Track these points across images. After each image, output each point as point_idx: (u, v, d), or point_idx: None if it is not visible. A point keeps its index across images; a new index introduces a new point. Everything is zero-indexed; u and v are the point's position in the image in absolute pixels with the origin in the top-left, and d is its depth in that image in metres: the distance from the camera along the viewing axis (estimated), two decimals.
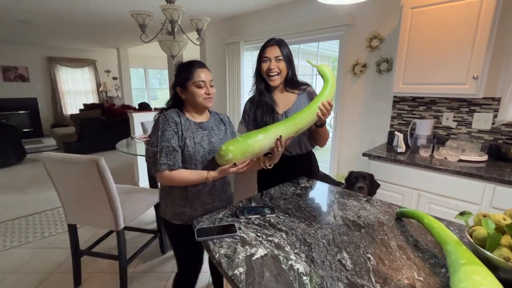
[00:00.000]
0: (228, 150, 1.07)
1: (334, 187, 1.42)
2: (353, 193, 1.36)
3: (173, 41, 2.30)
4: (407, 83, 2.12)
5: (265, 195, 1.32)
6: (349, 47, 2.70)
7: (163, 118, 1.14)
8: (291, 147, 1.49)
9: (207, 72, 1.19)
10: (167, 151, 1.11)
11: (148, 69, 8.65)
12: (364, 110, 2.67)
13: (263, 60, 1.37)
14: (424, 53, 2.01)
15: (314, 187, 1.43)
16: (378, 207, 1.21)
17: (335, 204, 1.23)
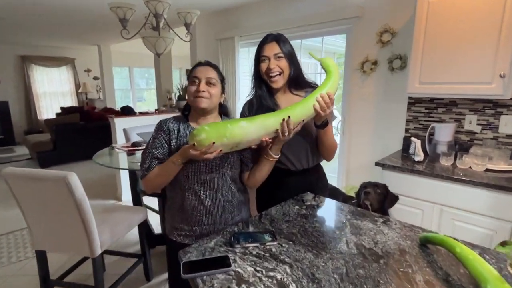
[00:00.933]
0: (202, 130, 1.02)
1: (344, 206, 1.35)
2: (367, 212, 1.29)
3: (158, 38, 2.25)
4: (424, 82, 2.06)
5: (264, 216, 1.25)
6: (357, 42, 2.65)
7: (158, 125, 1.21)
8: (295, 160, 1.42)
9: (208, 69, 1.18)
10: (151, 159, 1.17)
11: (133, 68, 8.62)
12: (375, 112, 2.62)
13: (261, 59, 1.32)
14: (442, 48, 1.96)
15: (321, 206, 1.36)
16: (398, 230, 1.13)
17: (347, 227, 1.15)
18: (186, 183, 1.19)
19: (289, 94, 1.40)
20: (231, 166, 1.24)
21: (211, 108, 1.20)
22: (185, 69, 9.41)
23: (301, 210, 1.30)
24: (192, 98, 1.17)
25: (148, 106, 9.28)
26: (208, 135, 1.02)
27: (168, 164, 1.13)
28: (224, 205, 1.24)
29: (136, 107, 8.42)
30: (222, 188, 1.23)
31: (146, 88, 9.55)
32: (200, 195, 1.19)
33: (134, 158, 2.37)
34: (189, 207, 1.21)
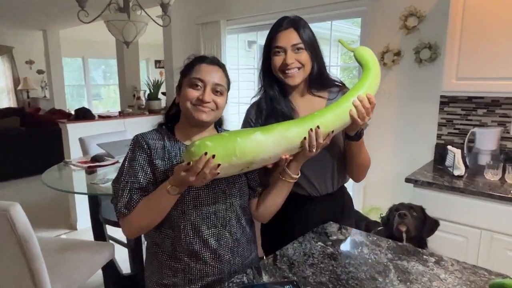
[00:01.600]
0: (203, 146, 0.91)
1: (381, 240, 1.28)
2: (412, 248, 1.22)
3: (126, 22, 2.14)
4: (463, 78, 2.04)
5: (280, 259, 1.15)
6: (375, 28, 2.62)
7: (134, 141, 1.10)
8: (318, 182, 1.35)
9: (216, 71, 1.10)
10: (129, 190, 1.05)
11: (88, 59, 8.43)
12: (399, 115, 2.59)
13: (274, 52, 1.25)
14: (485, 37, 1.94)
15: (350, 240, 1.29)
16: (457, 273, 1.06)
17: (391, 272, 1.07)
18: (182, 221, 1.07)
19: (309, 96, 1.33)
20: (239, 193, 1.14)
21: (213, 122, 1.14)
22: (154, 60, 9.27)
23: (326, 248, 1.22)
24: (190, 106, 1.07)
25: (106, 106, 9.09)
26: (212, 152, 0.92)
27: (160, 194, 1.00)
28: (233, 246, 1.14)
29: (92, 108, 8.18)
30: (230, 223, 1.13)
31: (104, 84, 9.36)
32: (202, 234, 1.08)
33: (95, 177, 2.24)
34: (186, 254, 1.09)
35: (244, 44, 4.24)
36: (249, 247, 1.21)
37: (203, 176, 0.90)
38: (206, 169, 0.89)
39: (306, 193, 1.35)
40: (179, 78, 1.14)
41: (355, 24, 4.76)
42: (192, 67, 1.10)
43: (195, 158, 0.90)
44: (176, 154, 1.10)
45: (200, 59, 1.12)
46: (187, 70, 1.11)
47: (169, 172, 1.06)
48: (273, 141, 1.01)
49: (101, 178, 2.20)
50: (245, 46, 4.30)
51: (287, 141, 1.04)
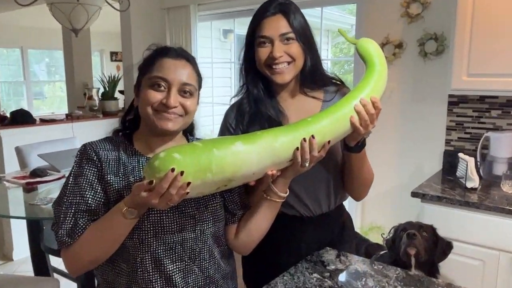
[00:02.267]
0: (170, 160, 0.86)
1: (388, 268, 1.28)
2: (426, 280, 1.20)
3: (75, 5, 2.07)
4: (474, 74, 2.09)
5: None
6: (373, 16, 2.66)
7: (82, 151, 1.05)
8: (311, 201, 1.33)
9: (183, 66, 1.05)
10: (74, 213, 0.98)
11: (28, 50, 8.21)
12: (400, 117, 2.63)
13: (259, 42, 1.22)
14: (500, 26, 1.99)
15: (352, 269, 1.27)
16: None
17: None
18: (139, 253, 1.01)
19: (301, 97, 1.31)
20: (213, 218, 1.10)
21: (182, 129, 1.10)
22: (109, 51, 9.12)
23: (324, 281, 1.19)
24: (151, 112, 1.02)
25: (51, 107, 8.87)
26: (181, 168, 0.86)
27: (113, 218, 0.95)
28: (204, 285, 1.09)
29: (33, 109, 7.94)
30: (200, 256, 1.08)
31: (48, 80, 9.13)
32: (165, 270, 1.03)
33: (36, 196, 2.17)
34: (143, 285, 1.03)
35: (218, 33, 4.22)
36: (226, 284, 1.16)
37: (169, 198, 0.85)
38: (172, 189, 0.84)
39: (297, 214, 1.33)
40: (138, 75, 1.09)
41: (348, 11, 4.83)
42: (152, 63, 1.04)
43: (160, 175, 0.84)
44: (133, 168, 1.05)
45: (162, 52, 1.06)
46: (147, 66, 1.05)
47: (124, 191, 1.01)
48: (257, 153, 0.98)
49: (42, 197, 2.13)
50: (220, 35, 4.28)
51: (274, 154, 1.00)
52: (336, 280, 1.19)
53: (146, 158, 1.07)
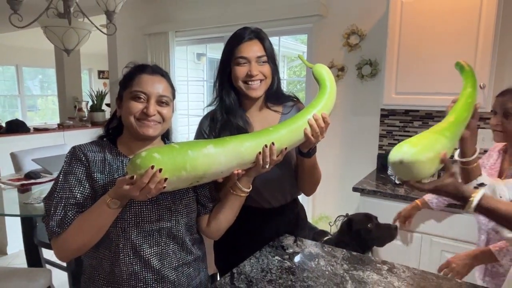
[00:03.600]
0: (151, 159, 0.85)
1: (336, 250, 1.28)
2: (365, 257, 1.22)
3: (67, 28, 1.97)
4: (401, 92, 2.16)
5: (237, 277, 1.09)
6: (320, 44, 2.70)
7: (71, 153, 1.01)
8: (270, 195, 1.32)
9: (159, 81, 1.04)
10: (64, 207, 0.94)
11: (22, 67, 7.73)
12: (343, 127, 2.68)
13: (237, 62, 1.21)
14: (419, 55, 2.07)
15: (307, 252, 1.27)
16: (409, 280, 1.08)
17: (348, 283, 1.06)
18: (121, 240, 0.97)
19: (265, 110, 1.31)
20: (186, 210, 1.07)
21: (160, 134, 1.08)
22: (97, 70, 8.78)
23: (284, 262, 1.18)
24: (133, 121, 1.00)
25: (44, 118, 8.40)
26: (159, 165, 0.85)
27: (98, 209, 0.91)
28: (177, 266, 1.06)
29: (27, 119, 7.48)
30: (174, 241, 1.05)
31: (41, 94, 8.66)
32: (144, 254, 0.99)
33: (29, 196, 2.03)
34: (125, 275, 0.99)
35: (193, 56, 4.16)
36: (197, 266, 1.13)
37: (148, 191, 0.85)
38: (151, 183, 0.84)
39: (259, 206, 1.31)
40: (119, 89, 1.07)
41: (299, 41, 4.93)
42: (132, 78, 1.02)
43: (141, 171, 0.83)
44: (118, 167, 1.02)
45: (140, 69, 1.04)
46: (127, 81, 1.03)
47: (109, 187, 0.96)
48: (225, 156, 0.97)
49: (36, 197, 1.99)
50: (194, 58, 4.22)
51: (240, 156, 0.99)
52: (294, 262, 1.18)
53: (128, 159, 1.04)
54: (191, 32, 3.36)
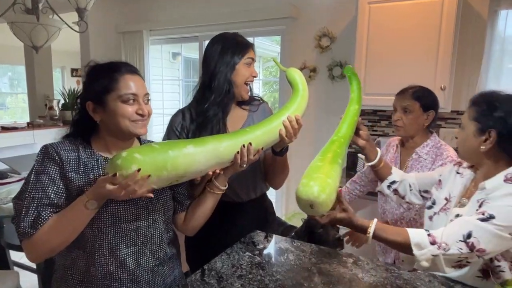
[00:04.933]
0: (132, 159, 0.85)
1: (305, 245, 1.30)
2: (332, 251, 1.25)
3: (35, 24, 1.90)
4: (369, 93, 2.22)
5: (208, 273, 1.09)
6: (293, 46, 2.73)
7: (43, 152, 0.97)
8: (241, 189, 1.34)
9: (141, 81, 1.02)
10: (37, 206, 0.91)
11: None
12: (316, 126, 2.72)
13: (247, 62, 1.28)
14: (386, 57, 2.14)
15: (276, 247, 1.28)
16: (373, 271, 1.11)
17: (315, 276, 1.09)
18: (97, 240, 0.95)
19: (236, 107, 1.34)
20: (164, 208, 1.06)
21: None
22: (70, 68, 8.48)
23: (254, 258, 1.19)
24: (128, 123, 0.97)
25: (13, 116, 8.04)
26: (141, 166, 0.84)
27: (75, 209, 0.89)
28: (153, 266, 1.04)
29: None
30: (152, 240, 1.04)
31: (11, 92, 8.28)
32: (120, 254, 0.97)
33: None
34: (100, 276, 0.97)
35: (168, 55, 4.11)
36: (172, 264, 1.13)
37: (132, 192, 0.85)
38: (136, 185, 0.84)
39: (228, 199, 1.33)
40: (90, 87, 0.98)
41: (274, 42, 4.96)
42: (116, 80, 0.97)
43: (122, 171, 0.83)
44: (93, 167, 0.98)
45: (118, 69, 0.99)
46: (110, 82, 0.96)
47: (85, 187, 0.94)
48: (205, 155, 0.98)
49: (3, 197, 1.91)
50: (170, 57, 4.17)
51: (219, 156, 1.01)
52: (264, 257, 1.19)
53: (103, 158, 1.01)
54: (166, 31, 3.32)
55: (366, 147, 1.25)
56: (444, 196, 1.18)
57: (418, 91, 1.55)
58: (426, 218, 1.24)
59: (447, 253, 0.93)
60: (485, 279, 1.02)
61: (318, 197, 0.95)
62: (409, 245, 0.97)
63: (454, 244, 0.94)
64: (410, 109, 1.53)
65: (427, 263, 0.95)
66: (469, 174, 1.15)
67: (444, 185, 1.21)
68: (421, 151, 1.54)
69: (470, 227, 0.94)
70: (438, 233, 0.97)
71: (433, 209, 1.21)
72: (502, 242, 0.93)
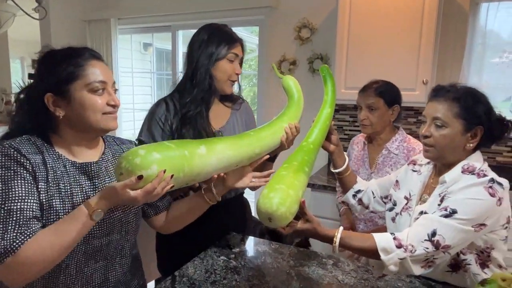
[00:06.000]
0: (152, 159, 0.81)
1: (283, 247, 1.30)
2: (311, 253, 1.26)
3: None
4: (350, 87, 2.23)
5: (179, 279, 1.07)
6: (272, 37, 2.72)
7: (4, 154, 0.82)
8: None
9: (107, 68, 0.96)
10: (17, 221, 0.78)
11: None
12: None
13: (230, 57, 1.28)
14: (367, 51, 2.16)
15: (253, 250, 1.29)
16: (353, 273, 1.13)
17: (293, 279, 1.09)
18: (64, 260, 0.87)
19: (219, 104, 1.39)
20: (135, 218, 1.03)
21: None
22: (31, 59, 8.15)
23: (229, 262, 1.18)
24: (99, 117, 0.90)
25: None
26: (161, 168, 0.82)
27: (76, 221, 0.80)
28: (120, 278, 1.02)
29: None
30: (122, 253, 1.00)
31: None
32: (87, 270, 0.93)
33: None
34: (63, 285, 0.92)
35: (139, 46, 4.01)
36: (134, 271, 1.10)
37: (156, 195, 0.82)
38: (160, 187, 0.81)
39: None
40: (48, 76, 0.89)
41: (253, 33, 4.92)
42: (82, 67, 0.88)
43: (141, 172, 0.78)
44: (62, 174, 0.88)
45: (81, 54, 0.90)
46: (74, 69, 0.87)
47: (54, 199, 0.85)
48: (216, 157, 0.98)
49: None
50: (141, 48, 4.07)
51: (228, 160, 1.02)
52: (240, 261, 1.18)
53: (70, 162, 0.91)
54: (136, 20, 3.24)
55: (335, 152, 1.28)
56: (403, 195, 1.22)
57: (380, 87, 1.59)
58: (388, 220, 1.26)
59: (414, 255, 0.96)
60: (454, 273, 1.07)
61: (276, 210, 0.94)
62: (376, 251, 0.99)
63: (419, 245, 0.96)
64: (375, 107, 1.56)
65: (395, 268, 0.97)
66: (426, 171, 1.18)
67: (402, 185, 1.25)
68: (391, 146, 1.59)
69: (434, 225, 0.97)
70: (403, 235, 0.99)
71: (394, 210, 1.24)
72: (466, 236, 0.97)
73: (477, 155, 1.09)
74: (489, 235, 1.02)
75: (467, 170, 1.04)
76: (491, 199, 0.97)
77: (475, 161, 1.06)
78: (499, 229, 1.03)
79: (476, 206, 0.97)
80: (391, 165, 1.58)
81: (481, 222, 0.97)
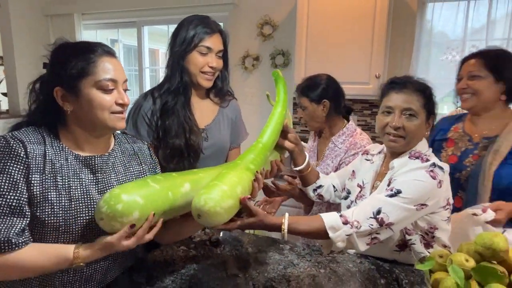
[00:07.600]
0: (134, 206, 0.79)
1: (243, 234, 1.29)
2: (271, 240, 1.26)
3: None
4: None
5: (137, 275, 1.02)
6: (236, 34, 2.67)
7: (3, 146, 0.80)
8: None
9: (120, 65, 0.90)
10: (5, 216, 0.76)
11: None
12: (260, 115, 2.70)
13: (201, 50, 1.22)
14: (325, 46, 2.18)
15: (213, 239, 1.24)
16: (308, 256, 1.13)
17: (251, 266, 1.07)
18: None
19: (206, 100, 1.35)
20: None
21: None
22: None
23: (189, 251, 1.15)
24: (107, 116, 0.86)
25: None
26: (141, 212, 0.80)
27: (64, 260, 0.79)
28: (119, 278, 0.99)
29: None
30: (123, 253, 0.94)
31: None
32: (87, 270, 0.90)
33: None
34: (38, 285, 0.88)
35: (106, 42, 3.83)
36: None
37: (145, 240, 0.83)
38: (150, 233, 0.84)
39: None
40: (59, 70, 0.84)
41: None
42: (94, 63, 0.83)
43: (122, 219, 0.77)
44: (61, 166, 0.84)
45: (94, 49, 0.85)
46: (86, 65, 0.83)
47: (49, 192, 0.81)
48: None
49: None
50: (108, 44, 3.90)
51: None
52: (200, 250, 1.16)
53: (74, 155, 0.87)
54: (101, 15, 3.09)
55: (295, 150, 1.22)
56: (356, 184, 1.23)
57: (303, 86, 1.54)
58: (344, 209, 1.27)
59: (360, 231, 0.97)
60: (402, 251, 1.11)
61: (204, 205, 0.82)
62: (324, 230, 0.97)
63: (365, 221, 0.98)
64: (303, 106, 1.52)
65: (342, 244, 0.97)
66: (378, 160, 1.21)
67: (357, 175, 1.26)
68: (337, 140, 1.52)
69: (380, 204, 0.99)
70: (349, 212, 1.00)
71: (349, 198, 1.25)
72: (409, 214, 1.00)
73: (423, 142, 1.12)
74: (432, 216, 1.05)
75: (413, 156, 1.07)
76: (432, 181, 1.00)
77: (421, 147, 1.09)
78: (440, 210, 1.06)
79: (419, 187, 1.00)
80: (332, 158, 1.52)
81: (422, 202, 0.99)
